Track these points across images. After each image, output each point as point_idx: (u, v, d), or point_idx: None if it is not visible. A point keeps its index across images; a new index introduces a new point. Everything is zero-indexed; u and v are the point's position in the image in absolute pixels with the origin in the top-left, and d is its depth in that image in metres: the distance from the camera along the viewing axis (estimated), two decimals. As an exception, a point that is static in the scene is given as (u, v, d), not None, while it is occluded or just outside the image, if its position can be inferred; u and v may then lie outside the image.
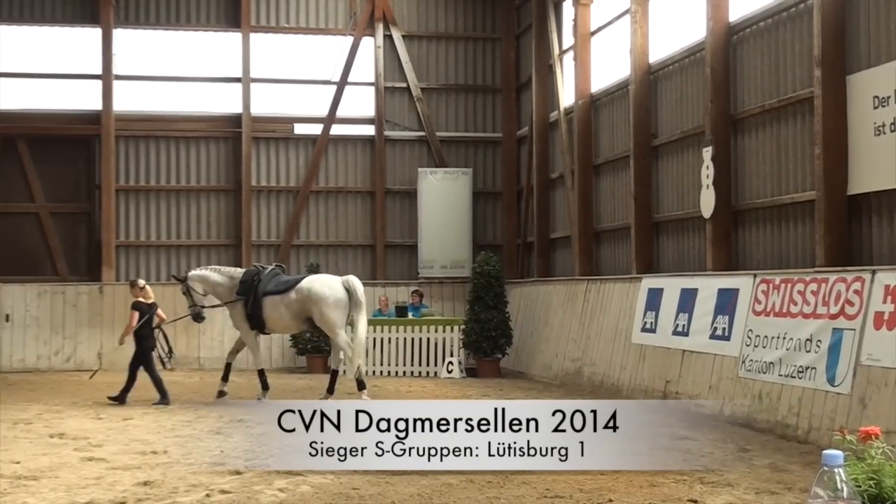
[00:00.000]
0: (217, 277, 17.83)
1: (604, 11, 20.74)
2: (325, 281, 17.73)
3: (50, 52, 25.45)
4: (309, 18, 25.87)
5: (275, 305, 17.43)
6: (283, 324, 17.93)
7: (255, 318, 17.49)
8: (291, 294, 17.38)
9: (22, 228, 25.08)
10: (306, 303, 17.29)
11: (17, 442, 12.74)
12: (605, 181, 20.74)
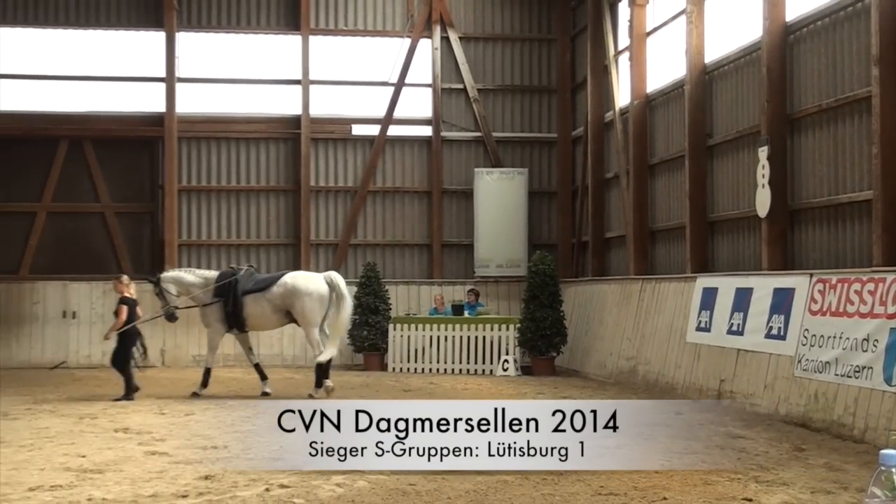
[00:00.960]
0: (191, 278, 18.07)
1: (659, 12, 20.64)
2: (308, 276, 18.21)
3: (115, 55, 25.70)
4: (367, 21, 25.92)
5: (257, 302, 17.69)
6: (265, 320, 18.08)
7: (236, 316, 17.70)
8: (274, 289, 17.67)
9: (88, 228, 25.36)
10: (289, 297, 17.58)
11: (84, 436, 12.89)
12: (661, 181, 20.63)
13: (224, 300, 17.60)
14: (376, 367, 22.69)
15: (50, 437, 12.84)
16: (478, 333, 22.23)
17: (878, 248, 12.88)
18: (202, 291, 17.84)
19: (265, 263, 25.48)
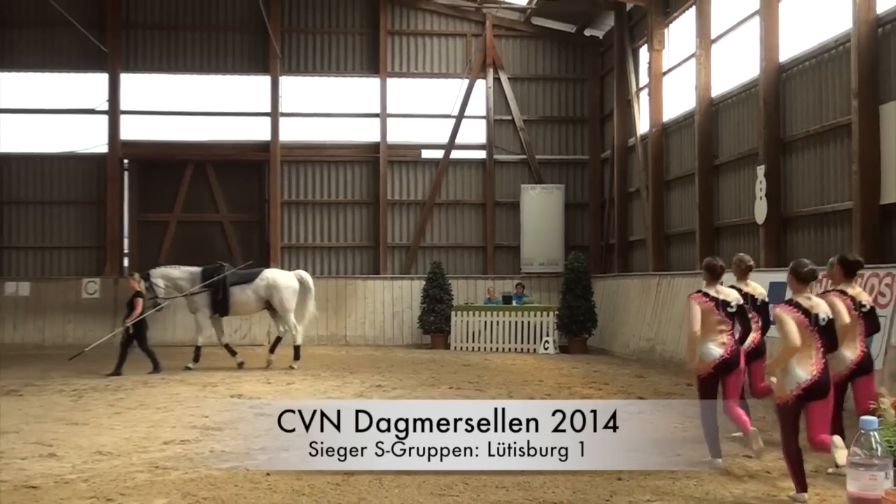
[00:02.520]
0: (177, 273, 17.97)
1: (674, 55, 20.53)
2: (283, 273, 18.55)
3: (231, 95, 25.94)
4: (433, 65, 25.97)
5: (243, 292, 17.95)
6: (248, 307, 18.34)
7: (223, 303, 17.86)
8: (257, 282, 17.96)
9: (209, 234, 25.60)
10: (270, 289, 17.93)
11: (206, 401, 13.05)
12: (675, 194, 20.50)
13: (214, 290, 17.70)
14: (441, 346, 22.75)
15: (180, 401, 13.02)
16: (523, 319, 22.22)
17: (856, 249, 12.72)
18: (190, 283, 17.78)
19: (350, 263, 25.65)
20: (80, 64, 25.39)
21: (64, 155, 25.57)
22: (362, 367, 17.47)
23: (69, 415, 11.81)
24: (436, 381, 15.30)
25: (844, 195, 13.62)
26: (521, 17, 25.67)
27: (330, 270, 25.43)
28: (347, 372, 16.93)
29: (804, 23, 15.00)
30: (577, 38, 26.04)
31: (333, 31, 25.95)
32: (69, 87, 25.73)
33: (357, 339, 24.47)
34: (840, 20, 13.67)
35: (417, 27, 25.97)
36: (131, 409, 12.26)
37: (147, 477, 7.92)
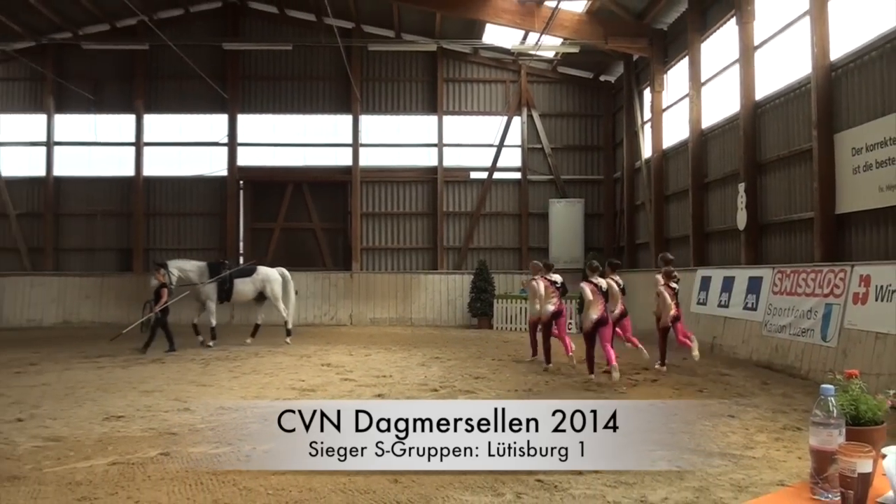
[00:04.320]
0: (189, 266, 17.41)
1: (671, 95, 20.39)
2: (271, 270, 18.27)
3: (322, 130, 26.16)
4: (479, 105, 26.00)
5: (245, 283, 17.73)
6: (246, 296, 17.95)
7: (228, 292, 17.60)
8: (256, 276, 17.82)
9: (305, 239, 25.90)
10: (264, 282, 17.80)
11: (303, 368, 13.23)
12: (673, 206, 20.35)
13: (222, 281, 17.48)
14: (486, 327, 22.80)
15: (282, 368, 13.21)
16: (552, 305, 22.19)
17: (817, 251, 12.69)
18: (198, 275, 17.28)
19: (414, 262, 25.77)
20: (207, 107, 25.84)
21: (195, 178, 26.04)
22: (424, 342, 17.60)
23: (199, 378, 12.07)
24: (482, 353, 15.38)
25: (807, 206, 13.44)
26: (550, 66, 25.62)
27: (398, 267, 25.59)
28: (413, 346, 17.07)
29: (774, 68, 14.86)
30: (594, 82, 25.92)
31: (401, 79, 26.11)
32: (199, 125, 26.17)
33: (420, 321, 24.61)
34: (802, 66, 13.53)
35: (467, 75, 26.02)
36: (245, 374, 12.49)
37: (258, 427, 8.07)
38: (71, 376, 12.39)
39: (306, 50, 25.74)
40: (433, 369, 12.97)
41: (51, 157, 25.88)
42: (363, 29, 25.52)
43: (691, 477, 5.91)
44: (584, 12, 20.42)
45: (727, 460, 6.41)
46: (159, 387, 11.06)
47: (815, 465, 2.55)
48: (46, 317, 24.59)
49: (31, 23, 24.07)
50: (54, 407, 9.44)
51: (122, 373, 12.79)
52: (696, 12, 18.08)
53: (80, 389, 10.90)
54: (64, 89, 25.49)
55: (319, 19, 25.20)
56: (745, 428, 7.76)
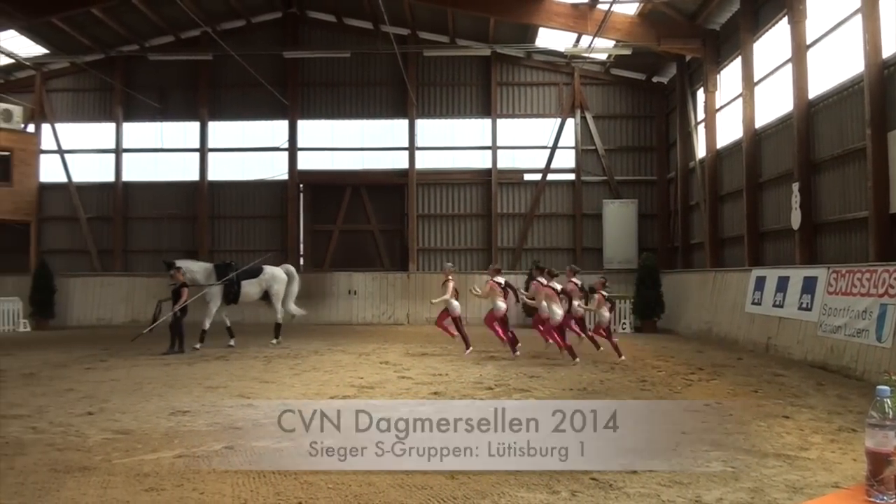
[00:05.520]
0: (196, 266, 17.12)
1: (724, 95, 20.08)
2: (278, 269, 18.10)
3: (379, 134, 26.40)
4: (533, 108, 25.93)
5: (251, 284, 17.49)
6: (253, 296, 17.70)
7: (235, 293, 17.29)
8: (262, 276, 17.61)
9: (363, 240, 26.14)
10: (269, 281, 17.61)
11: (361, 366, 13.32)
12: (727, 206, 20.03)
13: (228, 282, 17.13)
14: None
15: (342, 366, 13.33)
16: (606, 305, 22.04)
17: (872, 249, 12.39)
18: (204, 276, 16.97)
19: (470, 262, 25.79)
20: (269, 114, 26.24)
21: (257, 182, 26.47)
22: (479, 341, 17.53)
23: (261, 375, 12.25)
24: (537, 353, 15.30)
25: (862, 205, 13.14)
26: (602, 68, 25.42)
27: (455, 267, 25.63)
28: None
29: (827, 67, 14.55)
30: (647, 84, 25.65)
31: (455, 84, 26.17)
32: (261, 131, 26.61)
33: (475, 320, 24.20)
34: (854, 64, 13.24)
35: (520, 79, 25.97)
36: (306, 372, 12.62)
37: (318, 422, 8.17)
38: (139, 372, 12.68)
39: (363, 56, 25.95)
40: (488, 368, 12.96)
41: (119, 164, 26.57)
42: (418, 35, 25.65)
43: (746, 477, 5.81)
44: (637, 14, 20.22)
45: (782, 461, 6.29)
46: (223, 383, 11.25)
47: (870, 467, 2.50)
48: (115, 316, 25.23)
49: (100, 36, 24.78)
50: (123, 401, 9.68)
51: (188, 369, 13.05)
52: (749, 12, 17.79)
53: (147, 385, 11.16)
54: (132, 99, 26.15)
55: (376, 26, 25.39)
56: (799, 429, 7.59)
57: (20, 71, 26.37)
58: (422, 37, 25.70)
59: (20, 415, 8.82)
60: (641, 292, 21.42)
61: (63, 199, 26.64)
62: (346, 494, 5.48)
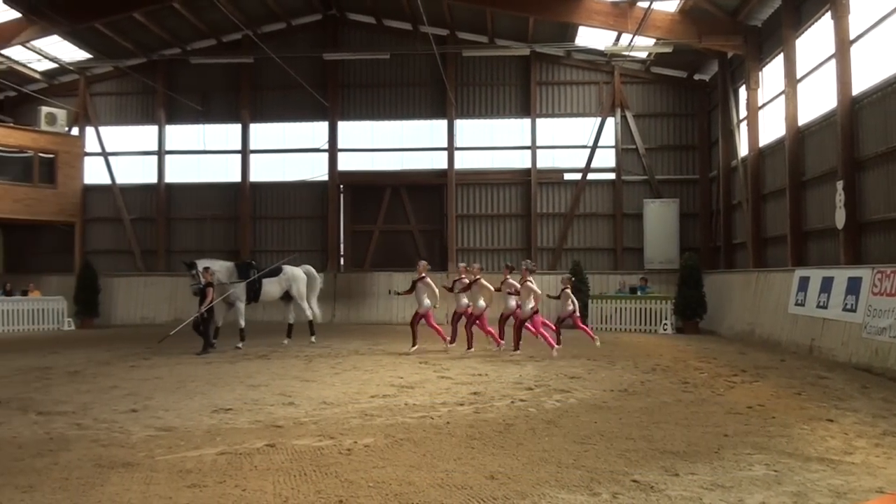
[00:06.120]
0: (217, 266, 16.94)
1: (766, 93, 19.79)
2: (298, 269, 18.19)
3: (418, 135, 26.46)
4: (572, 107, 25.80)
5: (272, 283, 17.63)
6: (273, 295, 17.80)
7: (256, 292, 17.42)
8: (282, 276, 17.74)
9: (402, 240, 26.21)
10: (290, 281, 17.75)
11: (401, 365, 13.38)
12: (770, 205, 19.74)
13: (251, 282, 17.22)
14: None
15: (382, 365, 13.39)
16: (646, 305, 21.81)
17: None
18: (225, 276, 16.95)
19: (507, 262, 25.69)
20: (309, 115, 26.49)
21: (298, 183, 26.73)
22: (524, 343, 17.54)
23: (302, 374, 12.36)
24: (577, 354, 15.23)
25: (909, 204, 12.88)
26: (643, 67, 25.23)
27: (493, 267, 25.57)
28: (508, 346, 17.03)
29: (872, 62, 14.26)
30: (688, 81, 25.38)
31: (494, 84, 26.15)
32: (301, 132, 26.85)
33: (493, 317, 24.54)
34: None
35: (560, 78, 25.86)
36: (347, 371, 12.71)
37: (359, 422, 8.22)
38: (182, 370, 12.88)
39: (403, 57, 26.06)
40: (528, 368, 12.93)
41: (162, 166, 27.01)
42: (457, 35, 25.67)
43: (789, 481, 5.74)
44: (677, 11, 20.03)
45: (825, 465, 6.19)
46: (265, 382, 11.38)
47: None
48: (159, 315, 25.66)
49: (142, 41, 25.24)
50: (166, 399, 9.84)
51: (230, 368, 13.23)
52: (791, 8, 17.53)
53: (190, 383, 11.33)
54: (174, 101, 26.57)
55: (415, 27, 25.50)
56: (844, 433, 7.47)
57: (64, 75, 26.92)
58: (461, 37, 25.72)
59: (65, 411, 9.03)
60: (683, 293, 21.21)
61: (107, 201, 27.18)
62: (387, 493, 5.51)
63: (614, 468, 6.14)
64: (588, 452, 6.68)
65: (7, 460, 6.63)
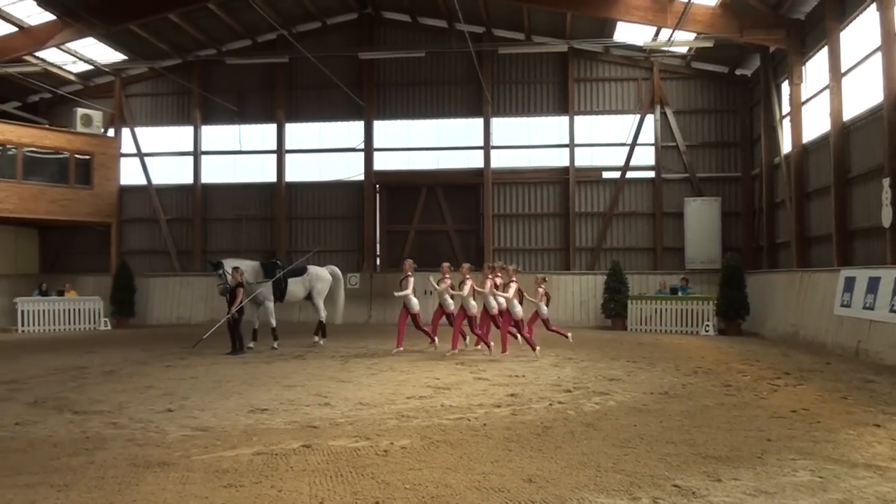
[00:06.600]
0: (244, 265, 16.97)
1: (810, 87, 19.49)
2: (322, 269, 18.31)
3: (454, 134, 26.49)
4: (611, 104, 25.65)
5: (296, 283, 17.71)
6: (298, 296, 17.87)
7: (282, 291, 17.50)
8: (306, 276, 17.82)
9: (438, 240, 26.25)
10: (314, 281, 17.83)
11: (437, 367, 13.40)
12: (814, 203, 19.46)
13: (276, 281, 17.31)
14: (619, 328, 22.43)
15: (418, 366, 13.43)
16: (687, 307, 21.60)
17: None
18: (252, 275, 16.98)
19: (546, 262, 25.68)
20: (344, 114, 26.66)
21: (333, 182, 26.90)
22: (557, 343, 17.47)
23: (338, 374, 12.45)
24: (616, 356, 15.15)
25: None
26: (683, 62, 25.00)
27: (530, 267, 25.55)
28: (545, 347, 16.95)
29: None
30: (730, 77, 25.09)
31: (531, 81, 26.09)
32: (337, 132, 27.03)
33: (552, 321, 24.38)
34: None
35: (598, 75, 25.72)
36: (383, 372, 12.76)
37: (395, 423, 8.25)
38: (217, 370, 13.04)
39: (438, 55, 26.13)
40: (566, 370, 12.89)
41: (198, 166, 27.35)
42: (493, 33, 25.65)
43: (834, 488, 5.65)
44: (718, 5, 19.82)
45: (872, 472, 6.09)
46: (301, 382, 11.48)
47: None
48: (195, 315, 25.98)
49: (177, 42, 25.59)
50: (202, 399, 9.97)
51: (266, 368, 13.36)
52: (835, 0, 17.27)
53: (226, 383, 11.46)
54: (209, 102, 26.90)
55: (451, 25, 25.53)
56: (891, 438, 7.33)
57: (99, 77, 27.37)
58: (497, 34, 25.69)
59: (101, 410, 9.19)
60: (725, 293, 20.96)
61: (143, 201, 27.59)
62: (423, 496, 5.53)
63: (655, 472, 6.09)
64: (628, 456, 6.64)
65: (43, 459, 6.77)
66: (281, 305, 18.10)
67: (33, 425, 8.33)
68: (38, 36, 22.86)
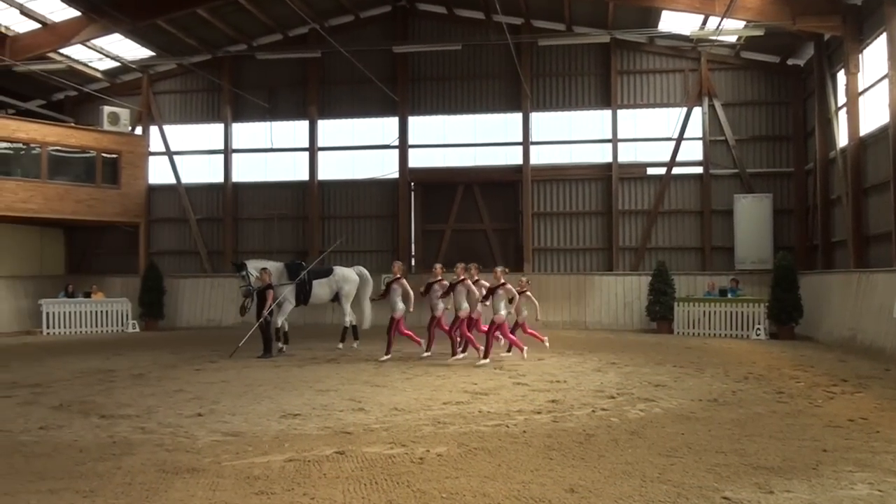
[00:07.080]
0: (269, 266, 16.94)
1: (868, 77, 19.16)
2: (349, 271, 18.35)
3: (491, 129, 26.45)
4: (656, 97, 25.45)
5: (321, 285, 17.77)
6: (323, 297, 17.92)
7: (306, 293, 17.54)
8: (332, 277, 17.90)
9: (475, 239, 26.24)
10: (340, 282, 17.90)
11: (475, 372, 13.39)
12: (873, 199, 19.12)
13: (300, 283, 17.38)
14: (665, 332, 22.23)
15: (454, 371, 13.44)
16: (737, 309, 21.36)
17: None
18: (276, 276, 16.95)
19: (588, 262, 25.52)
20: (378, 110, 26.75)
21: (367, 181, 27.00)
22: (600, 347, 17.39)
23: (372, 379, 12.50)
24: (662, 360, 15.02)
25: None
26: (732, 52, 24.71)
27: (571, 268, 25.44)
28: (588, 351, 16.90)
29: None
30: (781, 66, 24.74)
31: (572, 74, 25.96)
32: (370, 128, 27.13)
33: (595, 324, 24.37)
34: None
35: (642, 66, 25.53)
36: (418, 376, 12.80)
37: (431, 429, 8.25)
38: (249, 374, 13.16)
39: (475, 48, 26.11)
40: (609, 375, 12.81)
41: (228, 164, 27.62)
42: (533, 24, 25.57)
43: (894, 502, 5.54)
44: (770, -8, 19.57)
45: (938, 482, 5.97)
46: (334, 386, 11.54)
47: None
48: (225, 317, 26.22)
49: (207, 37, 25.84)
50: (233, 403, 10.06)
51: (298, 372, 13.45)
52: (897, -16, 16.96)
53: (257, 387, 11.56)
54: (240, 99, 27.15)
55: (488, 17, 25.50)
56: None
57: (126, 74, 27.75)
58: (536, 25, 25.61)
59: (129, 415, 9.31)
60: (777, 295, 20.68)
61: (172, 201, 27.92)
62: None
63: (703, 483, 6.02)
64: (675, 466, 6.58)
65: (69, 464, 6.86)
66: (311, 307, 18.22)
67: (58, 429, 8.47)
68: (62, 32, 23.23)
